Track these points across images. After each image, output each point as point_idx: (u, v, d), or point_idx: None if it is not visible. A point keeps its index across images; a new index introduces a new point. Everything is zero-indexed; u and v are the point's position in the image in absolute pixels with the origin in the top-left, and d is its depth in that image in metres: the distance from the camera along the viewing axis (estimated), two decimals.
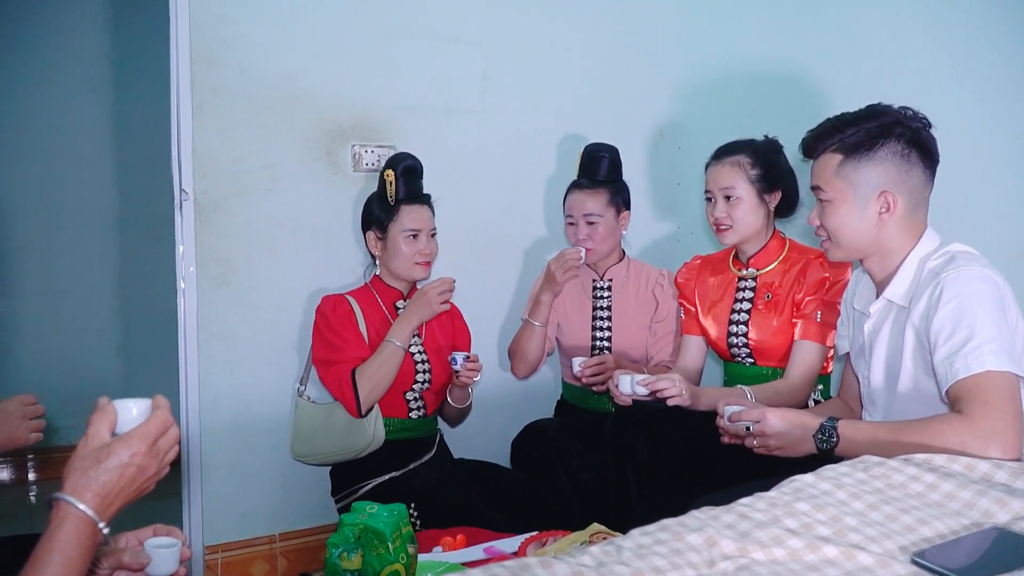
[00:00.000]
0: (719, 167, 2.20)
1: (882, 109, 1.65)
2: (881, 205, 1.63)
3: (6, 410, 1.54)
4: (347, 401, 2.22)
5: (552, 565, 1.01)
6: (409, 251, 2.32)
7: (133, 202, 3.70)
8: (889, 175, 1.62)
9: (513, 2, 2.81)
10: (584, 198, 2.50)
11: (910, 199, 1.63)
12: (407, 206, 2.32)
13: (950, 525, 1.17)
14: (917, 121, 1.64)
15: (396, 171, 2.31)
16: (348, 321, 2.29)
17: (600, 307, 2.58)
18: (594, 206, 2.49)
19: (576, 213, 2.51)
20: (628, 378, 2.03)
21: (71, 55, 3.60)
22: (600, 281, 2.59)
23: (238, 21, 2.38)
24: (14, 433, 1.54)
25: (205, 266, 2.37)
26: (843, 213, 1.66)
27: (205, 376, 2.39)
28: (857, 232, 1.66)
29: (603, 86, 2.99)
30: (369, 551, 1.63)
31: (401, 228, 2.31)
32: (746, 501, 1.21)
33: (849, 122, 1.65)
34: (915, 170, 1.63)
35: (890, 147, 1.62)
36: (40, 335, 3.57)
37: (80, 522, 1.00)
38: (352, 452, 2.26)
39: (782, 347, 2.17)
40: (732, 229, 2.19)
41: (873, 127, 1.63)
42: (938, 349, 1.49)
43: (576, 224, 2.51)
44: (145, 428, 1.08)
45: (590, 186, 2.52)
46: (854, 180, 1.64)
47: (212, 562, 2.41)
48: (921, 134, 1.63)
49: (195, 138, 2.34)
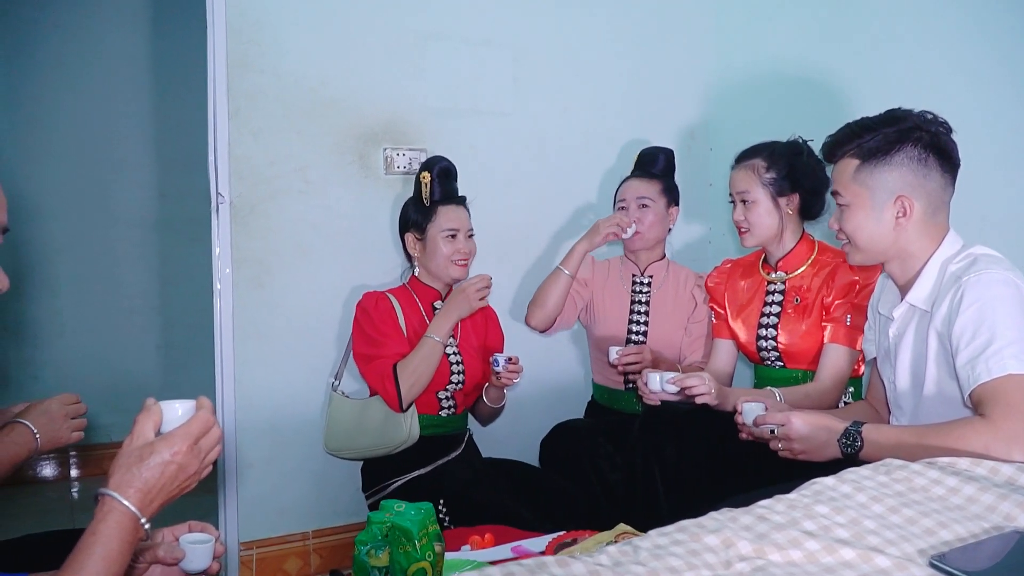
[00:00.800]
0: (737, 171, 2.24)
1: (901, 114, 1.66)
2: (898, 210, 1.63)
3: (49, 410, 1.57)
4: (389, 395, 2.25)
5: (569, 564, 1.03)
6: (448, 251, 2.35)
7: (173, 205, 3.78)
8: (906, 180, 1.62)
9: (543, 5, 2.83)
10: (638, 184, 2.56)
11: (928, 203, 1.63)
12: (444, 207, 2.36)
13: (970, 529, 1.16)
14: (936, 126, 1.64)
15: (432, 173, 2.34)
16: (389, 317, 2.33)
17: (638, 301, 2.59)
18: (648, 191, 2.54)
19: (629, 196, 2.55)
20: (657, 376, 2.05)
21: (114, 63, 3.70)
22: (641, 276, 2.61)
23: (273, 28, 2.43)
24: (57, 433, 1.57)
25: (241, 267, 2.43)
26: (861, 217, 1.67)
27: (241, 375, 2.44)
28: (875, 236, 1.66)
29: (634, 88, 3.00)
30: (396, 548, 1.66)
31: (439, 228, 2.35)
32: (765, 503, 1.22)
33: (868, 127, 1.66)
34: (933, 174, 1.63)
35: (907, 152, 1.62)
36: (82, 334, 3.67)
37: (123, 516, 1.04)
38: (387, 448, 2.29)
39: (811, 350, 2.16)
40: (750, 232, 2.21)
41: (891, 132, 1.63)
42: (960, 353, 1.49)
43: (628, 208, 2.54)
44: (187, 428, 1.11)
45: (645, 176, 2.57)
46: (871, 185, 1.65)
47: (247, 558, 2.47)
48: (940, 139, 1.63)
49: (231, 142, 2.40)
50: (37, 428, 1.53)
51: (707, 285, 2.43)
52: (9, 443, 1.49)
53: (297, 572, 2.54)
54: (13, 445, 1.50)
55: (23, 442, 1.51)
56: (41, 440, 1.54)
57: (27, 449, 1.52)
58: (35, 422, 1.54)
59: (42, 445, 1.54)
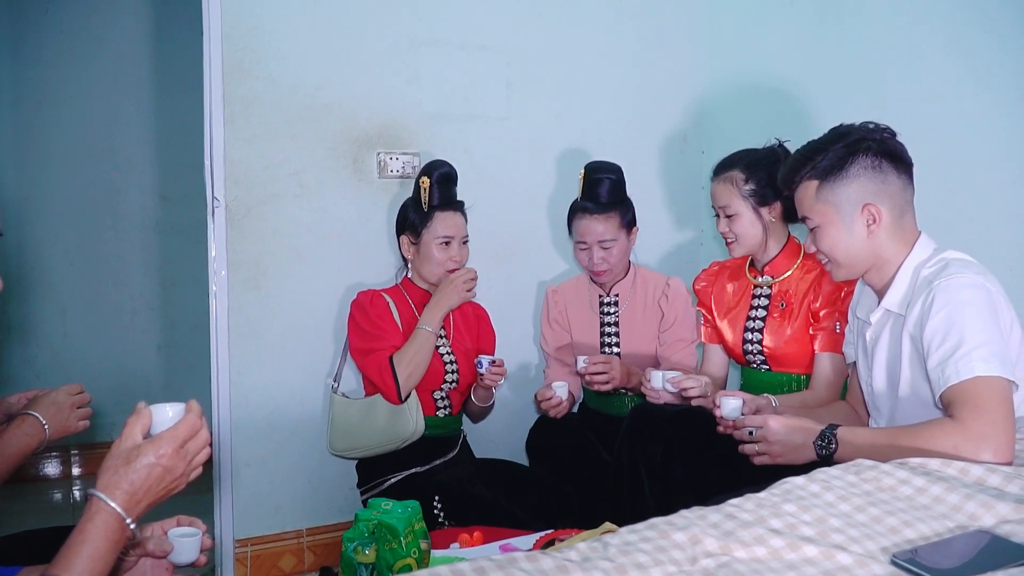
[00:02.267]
0: (716, 184, 2.24)
1: (845, 129, 1.72)
2: (867, 218, 1.67)
3: (56, 400, 1.62)
4: (387, 387, 2.27)
5: (538, 559, 1.06)
6: (441, 257, 2.39)
7: (174, 208, 3.83)
8: (867, 188, 1.67)
9: (537, 11, 2.87)
10: (595, 224, 2.47)
11: (893, 206, 1.67)
12: (441, 213, 2.38)
13: (935, 528, 1.19)
14: (881, 132, 1.69)
15: (432, 178, 2.37)
16: (385, 312, 2.37)
17: (608, 323, 2.60)
18: (607, 231, 2.47)
19: (590, 240, 2.48)
20: (660, 374, 2.11)
21: (117, 67, 3.75)
22: (607, 296, 2.61)
23: (268, 34, 2.47)
24: (65, 422, 1.62)
25: (236, 270, 2.47)
26: (833, 234, 1.71)
27: (236, 376, 2.48)
28: (851, 249, 1.70)
29: (627, 92, 3.03)
30: (383, 545, 1.70)
31: (434, 235, 2.38)
32: (735, 501, 1.25)
33: (817, 149, 1.72)
34: (890, 178, 1.67)
35: (860, 162, 1.67)
36: (85, 334, 3.72)
37: (109, 517, 1.07)
38: (395, 442, 2.32)
39: (796, 354, 2.18)
40: (736, 243, 2.23)
41: (840, 148, 1.68)
42: (931, 356, 1.52)
43: (590, 249, 2.49)
44: (174, 431, 1.14)
45: (599, 211, 2.47)
46: (834, 201, 1.69)
47: (242, 555, 2.51)
48: (887, 144, 1.68)
49: (227, 147, 2.44)
50: (46, 419, 1.58)
51: (694, 288, 2.46)
52: (20, 434, 1.54)
53: (291, 569, 2.58)
54: (24, 436, 1.54)
55: (33, 432, 1.56)
56: (50, 430, 1.58)
57: (37, 440, 1.57)
58: (44, 413, 1.58)
59: (51, 435, 1.59)
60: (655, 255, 3.06)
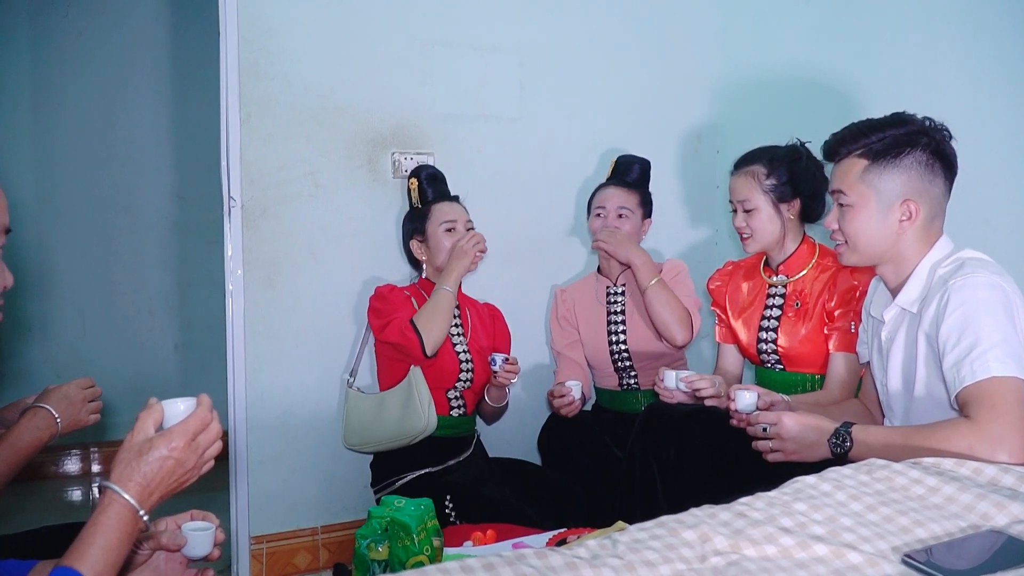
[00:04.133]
0: (736, 178, 2.24)
1: (907, 118, 1.66)
2: (903, 213, 1.64)
3: (68, 394, 1.64)
4: (411, 343, 2.28)
5: (547, 556, 1.07)
6: (449, 243, 2.43)
7: (191, 208, 3.87)
8: (913, 184, 1.63)
9: (549, 11, 2.87)
10: (617, 192, 2.58)
11: (930, 209, 1.65)
12: (437, 204, 2.45)
13: (946, 527, 1.19)
14: (940, 132, 1.64)
15: (420, 177, 2.45)
16: (403, 300, 2.41)
17: (614, 312, 2.61)
18: (627, 201, 2.57)
19: (609, 205, 2.57)
20: (673, 373, 2.10)
21: (135, 70, 3.79)
22: (614, 287, 2.63)
23: (284, 36, 2.49)
24: (77, 415, 1.64)
25: (252, 269, 2.49)
26: (864, 218, 1.67)
27: (252, 374, 2.50)
28: (876, 239, 1.67)
29: (640, 92, 3.03)
30: (396, 543, 1.71)
31: (438, 223, 2.43)
32: (745, 500, 1.25)
33: (876, 127, 1.66)
34: (937, 180, 1.64)
35: (916, 156, 1.63)
36: (104, 333, 3.76)
37: (122, 509, 1.08)
38: (407, 438, 2.34)
39: (811, 354, 2.17)
40: (752, 238, 2.23)
41: (900, 134, 1.63)
42: (946, 356, 1.51)
43: (605, 216, 2.57)
44: (184, 425, 1.16)
45: (623, 185, 2.59)
46: (878, 186, 1.65)
47: (257, 552, 2.53)
48: (944, 146, 1.64)
49: (243, 147, 2.46)
50: (58, 412, 1.60)
51: (708, 287, 2.46)
52: (33, 428, 1.56)
53: (306, 566, 2.60)
54: (36, 430, 1.56)
55: (46, 426, 1.58)
56: (62, 423, 1.61)
57: (49, 433, 1.59)
58: (56, 407, 1.60)
59: (63, 428, 1.61)
60: (669, 253, 3.06)
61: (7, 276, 1.10)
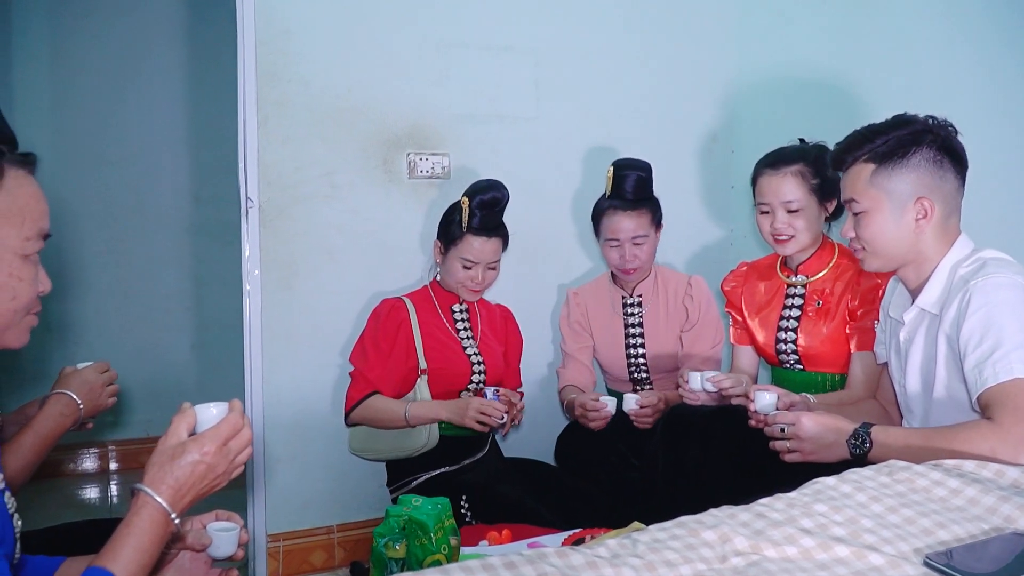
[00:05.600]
0: (778, 178, 2.15)
1: (909, 118, 1.66)
2: (918, 211, 1.63)
3: (88, 379, 1.66)
4: (346, 405, 2.33)
5: (568, 555, 1.07)
6: (461, 276, 2.39)
7: (207, 209, 3.89)
8: (924, 181, 1.62)
9: (564, 11, 2.87)
10: (627, 220, 2.44)
11: (945, 205, 1.63)
12: (474, 236, 2.36)
13: (969, 530, 1.18)
14: (945, 128, 1.64)
15: (472, 202, 2.35)
16: (395, 331, 2.36)
17: (632, 324, 2.58)
18: (639, 227, 2.44)
19: (622, 236, 2.44)
20: (698, 375, 2.10)
21: (151, 73, 3.81)
22: (630, 298, 2.58)
23: (300, 37, 2.50)
24: (97, 399, 1.66)
25: (269, 270, 2.50)
26: (879, 222, 1.66)
27: (269, 374, 2.52)
28: (895, 241, 1.66)
29: (655, 91, 3.03)
30: (413, 541, 1.71)
31: (460, 255, 2.37)
32: (765, 501, 1.25)
33: (878, 132, 1.65)
34: (948, 176, 1.63)
35: (923, 154, 1.62)
36: (122, 333, 3.78)
37: (155, 511, 1.10)
38: (406, 451, 2.34)
39: (831, 354, 2.16)
40: (794, 239, 2.16)
41: (904, 135, 1.63)
42: (967, 357, 1.50)
43: (621, 247, 2.46)
44: (216, 430, 1.17)
45: (629, 207, 2.44)
46: (889, 188, 1.64)
47: (274, 550, 2.54)
48: (950, 141, 1.63)
49: (260, 149, 2.47)
50: (80, 397, 1.62)
51: (723, 289, 2.44)
52: (56, 414, 1.58)
53: (322, 564, 2.61)
54: (60, 416, 1.59)
55: (69, 412, 1.61)
56: (84, 408, 1.63)
57: (72, 419, 1.61)
58: (77, 392, 1.62)
59: (85, 413, 1.63)
60: (683, 255, 3.06)
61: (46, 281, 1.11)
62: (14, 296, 1.05)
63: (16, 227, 1.04)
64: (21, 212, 1.05)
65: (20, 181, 1.06)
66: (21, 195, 1.06)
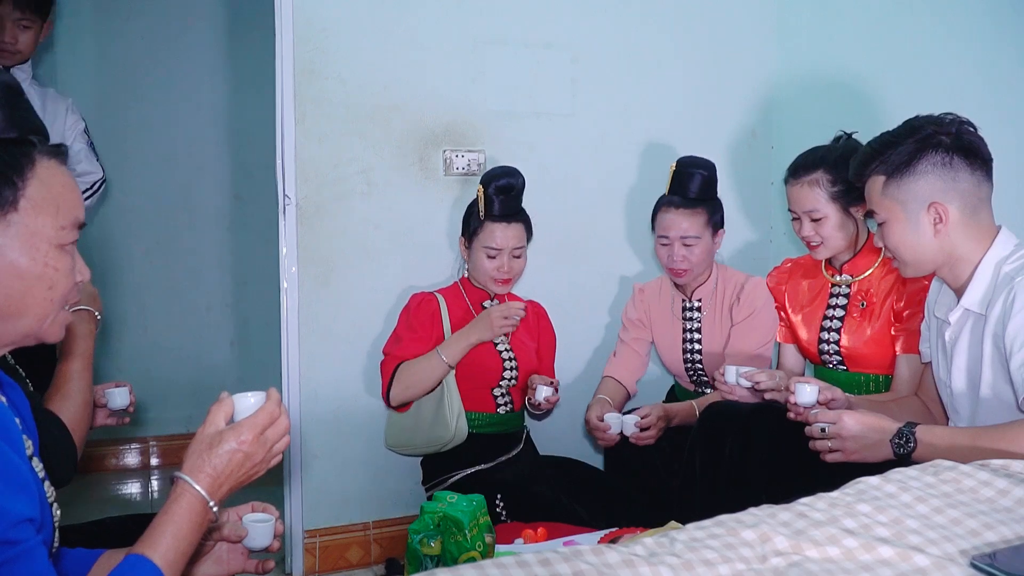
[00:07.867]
0: (798, 188, 2.13)
1: (919, 123, 1.66)
2: (933, 217, 1.62)
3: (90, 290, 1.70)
4: (383, 389, 2.34)
5: (604, 553, 1.06)
6: (487, 267, 2.38)
7: (246, 206, 3.93)
8: (934, 186, 1.61)
9: (602, 7, 2.85)
10: (680, 219, 2.37)
11: (964, 204, 1.61)
12: (494, 223, 2.36)
13: (1017, 531, 1.14)
14: (956, 126, 1.62)
15: (487, 188, 2.35)
16: (428, 318, 2.38)
17: (690, 329, 2.53)
18: (692, 227, 2.37)
19: (672, 234, 2.37)
20: (733, 369, 2.07)
21: (193, 73, 3.86)
22: (689, 302, 2.53)
23: (338, 35, 2.52)
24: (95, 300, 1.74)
25: (306, 266, 2.52)
26: (899, 231, 1.66)
27: (306, 371, 2.54)
28: (918, 247, 1.65)
29: (693, 87, 2.99)
30: (448, 538, 1.71)
31: (482, 244, 2.37)
32: (806, 500, 1.22)
33: (887, 143, 1.67)
34: (961, 175, 1.61)
35: (929, 159, 1.61)
36: (163, 330, 3.84)
37: (193, 499, 1.11)
38: (436, 445, 2.35)
39: (875, 355, 2.12)
40: (823, 245, 2.14)
41: (910, 143, 1.63)
42: (1014, 356, 1.46)
43: (671, 245, 2.39)
44: (254, 419, 1.18)
45: (686, 205, 2.37)
46: (900, 198, 1.64)
47: (311, 546, 2.56)
48: (962, 138, 1.61)
49: (297, 146, 2.49)
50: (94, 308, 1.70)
51: (768, 285, 2.41)
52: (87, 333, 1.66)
53: (358, 561, 2.62)
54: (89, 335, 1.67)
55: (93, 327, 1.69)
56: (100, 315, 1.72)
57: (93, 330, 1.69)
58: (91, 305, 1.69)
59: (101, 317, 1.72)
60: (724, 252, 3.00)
61: (84, 270, 1.13)
62: (51, 286, 1.06)
63: (51, 216, 1.05)
64: (55, 201, 1.06)
65: (52, 171, 1.07)
66: (55, 184, 1.06)
